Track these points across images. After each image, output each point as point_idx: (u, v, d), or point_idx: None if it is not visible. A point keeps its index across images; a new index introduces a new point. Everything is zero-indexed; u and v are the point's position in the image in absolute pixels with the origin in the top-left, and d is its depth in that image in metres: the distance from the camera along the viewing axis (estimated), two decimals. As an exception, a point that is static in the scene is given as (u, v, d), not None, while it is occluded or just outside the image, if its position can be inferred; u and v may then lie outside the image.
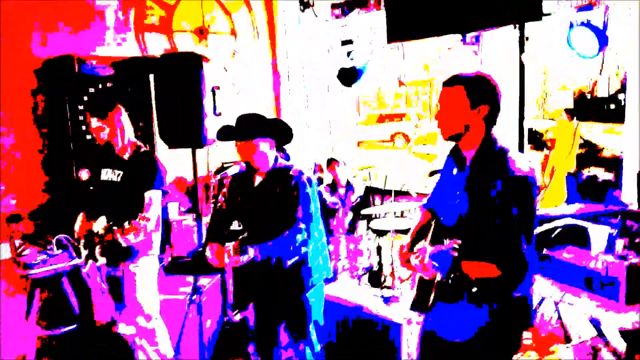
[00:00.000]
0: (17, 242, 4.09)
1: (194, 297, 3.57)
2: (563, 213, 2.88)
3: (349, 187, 4.78)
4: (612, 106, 12.08)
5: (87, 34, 4.46)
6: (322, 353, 2.91)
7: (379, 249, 3.66)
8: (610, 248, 2.58)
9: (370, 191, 4.96)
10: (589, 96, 10.92)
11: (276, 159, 2.87)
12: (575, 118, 3.82)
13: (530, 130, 3.73)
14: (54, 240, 3.95)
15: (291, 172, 2.80)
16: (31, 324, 3.93)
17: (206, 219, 4.61)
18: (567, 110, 3.82)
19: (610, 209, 2.84)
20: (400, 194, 5.05)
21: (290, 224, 2.67)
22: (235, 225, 3.17)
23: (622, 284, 2.46)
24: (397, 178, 5.70)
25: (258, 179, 2.88)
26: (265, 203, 2.80)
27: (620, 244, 2.50)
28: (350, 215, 4.71)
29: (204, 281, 3.81)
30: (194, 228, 4.61)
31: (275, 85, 5.80)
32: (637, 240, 2.50)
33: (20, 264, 3.92)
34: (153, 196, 3.28)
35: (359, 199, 4.76)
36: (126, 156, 3.34)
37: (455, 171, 2.17)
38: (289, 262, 2.74)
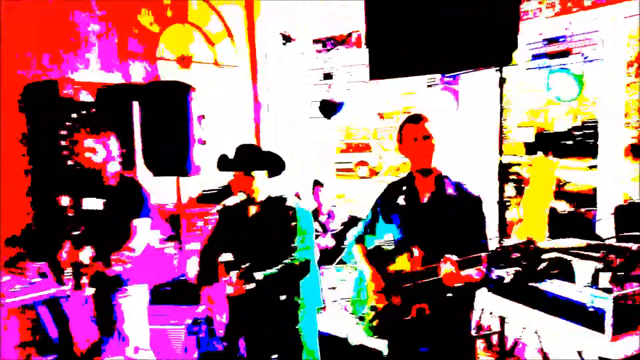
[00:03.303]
0: (-8, 270, 3.95)
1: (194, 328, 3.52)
2: (552, 247, 3.02)
3: (330, 215, 4.84)
4: (570, 142, 12.69)
5: (71, 59, 4.41)
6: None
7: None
8: (595, 281, 2.71)
9: (354, 219, 5.03)
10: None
11: (269, 190, 2.91)
12: (552, 155, 4.03)
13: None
14: (33, 268, 3.84)
15: (287, 203, 2.85)
16: (6, 352, 3.77)
17: (188, 246, 4.58)
18: (543, 150, 4.05)
19: (592, 244, 2.99)
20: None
21: (289, 254, 2.70)
22: (226, 257, 3.17)
23: (608, 316, 2.59)
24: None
25: (252, 210, 2.90)
26: (261, 233, 2.82)
27: (605, 277, 2.65)
28: (332, 242, 4.77)
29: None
30: (175, 256, 4.54)
31: (256, 115, 5.86)
32: (619, 274, 2.65)
33: (-5, 292, 3.78)
34: (139, 225, 3.25)
35: (342, 226, 4.82)
36: (112, 182, 3.30)
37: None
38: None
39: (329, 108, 5.54)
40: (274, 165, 2.86)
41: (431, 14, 4.14)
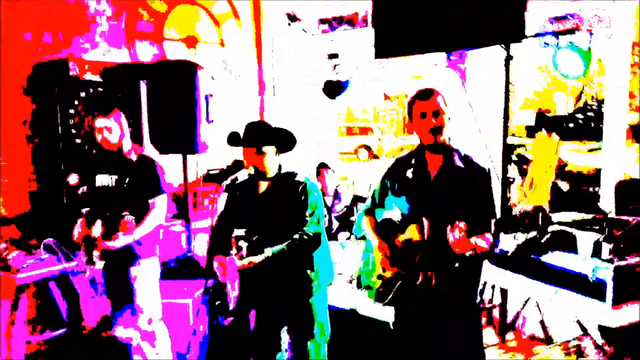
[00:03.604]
0: (2, 246, 4.01)
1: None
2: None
3: (336, 195, 4.88)
4: (571, 125, 12.73)
5: (79, 39, 4.44)
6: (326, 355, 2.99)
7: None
8: (596, 253, 2.77)
9: (357, 200, 5.09)
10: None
11: (280, 166, 2.95)
12: (554, 133, 4.08)
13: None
14: (41, 245, 3.91)
15: (297, 178, 2.90)
16: (18, 328, 3.85)
17: (195, 224, 4.65)
18: (546, 128, 4.10)
19: (595, 217, 3.06)
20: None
21: (300, 228, 2.76)
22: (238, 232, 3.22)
23: (609, 286, 2.65)
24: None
25: (263, 186, 2.94)
26: (272, 209, 2.86)
27: (606, 248, 2.71)
28: (335, 224, 4.82)
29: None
30: (182, 234, 4.61)
31: (261, 95, 5.90)
32: (621, 245, 2.71)
33: (5, 268, 3.85)
34: (157, 201, 3.32)
35: (344, 208, 4.87)
36: (132, 158, 3.36)
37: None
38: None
39: (333, 88, 5.55)
40: (284, 141, 2.90)
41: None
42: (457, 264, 2.37)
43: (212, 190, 5.05)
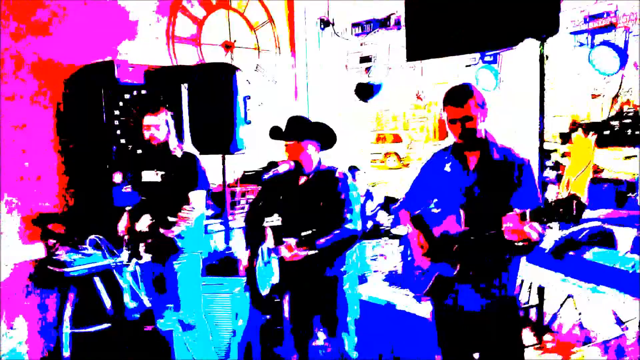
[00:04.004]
0: (50, 242, 4.20)
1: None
2: (590, 217, 3.09)
3: (368, 195, 4.95)
4: (607, 132, 12.44)
5: (122, 43, 4.62)
6: (357, 345, 3.05)
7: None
8: (636, 249, 2.77)
9: (389, 200, 5.14)
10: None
11: (319, 162, 3.03)
12: (590, 134, 4.07)
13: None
14: (87, 241, 4.07)
15: (336, 175, 2.97)
16: (64, 321, 4.02)
17: (233, 224, 4.76)
18: (583, 129, 4.09)
19: (633, 214, 3.05)
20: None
21: (338, 224, 2.82)
22: (272, 221, 3.29)
23: (650, 280, 2.65)
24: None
25: (302, 179, 3.02)
26: (310, 202, 2.94)
27: (646, 243, 2.71)
28: (369, 223, 4.88)
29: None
30: (221, 233, 4.73)
31: (295, 100, 6.01)
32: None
33: (54, 263, 4.02)
34: (197, 195, 3.45)
35: (378, 207, 4.93)
36: (177, 154, 3.50)
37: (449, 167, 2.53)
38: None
39: (365, 91, 5.63)
40: (325, 135, 2.98)
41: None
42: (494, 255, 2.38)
43: (249, 190, 5.16)
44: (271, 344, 4.10)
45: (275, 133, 2.97)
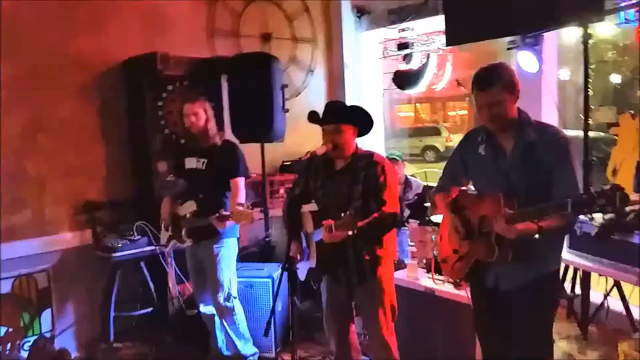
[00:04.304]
0: (99, 229, 4.36)
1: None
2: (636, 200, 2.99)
3: (407, 184, 4.92)
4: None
5: (164, 36, 4.74)
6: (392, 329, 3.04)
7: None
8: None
9: (428, 189, 5.09)
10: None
11: (357, 146, 3.03)
12: (637, 115, 3.93)
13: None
14: (134, 227, 4.21)
15: (375, 158, 2.97)
16: (111, 305, 4.18)
17: (274, 212, 4.83)
18: (630, 111, 3.95)
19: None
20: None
21: (378, 207, 2.80)
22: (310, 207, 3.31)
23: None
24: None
25: (340, 164, 3.02)
26: (348, 186, 2.93)
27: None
28: (407, 211, 4.84)
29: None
30: (261, 221, 4.79)
31: (330, 88, 6.01)
32: None
33: (102, 249, 4.18)
34: (240, 182, 3.52)
35: (416, 196, 4.89)
36: (218, 142, 3.58)
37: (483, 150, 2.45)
38: None
39: (403, 79, 5.57)
40: (362, 120, 2.98)
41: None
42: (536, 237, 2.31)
43: (288, 180, 5.21)
44: (309, 330, 4.16)
45: (313, 117, 2.99)
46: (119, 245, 4.11)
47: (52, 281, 4.23)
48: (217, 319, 3.75)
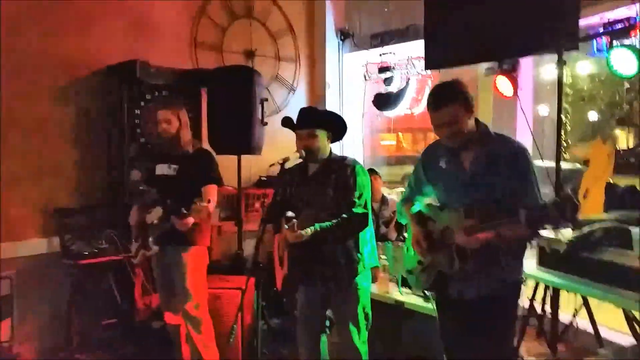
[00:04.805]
0: (67, 236, 4.27)
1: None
2: (603, 219, 3.03)
3: (384, 202, 4.92)
4: (632, 159, 12.16)
5: (146, 45, 4.75)
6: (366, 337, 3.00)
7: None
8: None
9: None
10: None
11: (330, 151, 3.04)
12: (608, 141, 4.01)
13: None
14: (103, 235, 4.13)
15: (346, 162, 2.98)
16: (74, 314, 4.06)
17: (246, 226, 4.78)
18: (601, 135, 4.02)
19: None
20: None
21: (348, 209, 2.81)
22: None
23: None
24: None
25: (312, 168, 3.02)
26: (320, 189, 2.93)
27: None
28: (383, 228, 4.84)
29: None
30: (234, 235, 4.74)
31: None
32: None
33: (69, 256, 4.09)
34: (211, 189, 3.48)
35: (392, 214, 4.89)
36: (190, 149, 3.55)
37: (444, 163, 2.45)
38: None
39: (382, 101, 5.64)
40: (335, 124, 3.00)
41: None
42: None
43: (263, 194, 5.19)
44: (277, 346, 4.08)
45: (287, 122, 3.00)
46: (86, 253, 4.03)
47: (14, 289, 4.09)
48: (183, 330, 3.65)
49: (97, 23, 4.50)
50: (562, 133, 3.94)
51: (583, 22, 3.76)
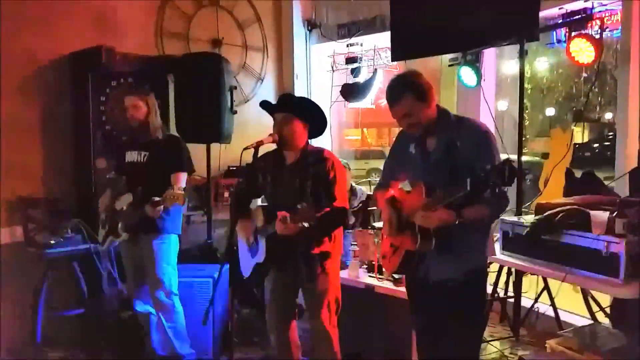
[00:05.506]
0: (30, 226, 4.17)
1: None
2: (566, 202, 3.16)
3: (352, 192, 4.98)
4: (588, 153, 12.53)
5: (111, 32, 4.66)
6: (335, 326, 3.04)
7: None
8: (610, 229, 2.84)
9: (371, 198, 5.18)
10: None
11: (307, 143, 3.04)
12: (567, 130, 4.18)
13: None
14: (69, 224, 4.05)
15: (325, 155, 2.96)
16: (40, 305, 3.97)
17: (216, 216, 4.76)
18: (561, 124, 4.19)
19: (610, 198, 3.13)
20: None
21: (328, 204, 2.80)
22: (257, 202, 3.29)
23: (622, 260, 2.72)
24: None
25: (290, 159, 2.99)
26: (298, 181, 2.91)
27: (619, 223, 2.77)
28: (352, 218, 4.90)
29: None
30: (202, 225, 4.72)
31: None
32: (634, 222, 2.77)
33: (33, 245, 4.00)
34: (182, 176, 3.46)
35: (360, 204, 4.96)
36: (160, 135, 3.51)
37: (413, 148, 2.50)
38: None
39: (349, 92, 5.69)
40: (315, 116, 2.97)
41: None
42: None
43: (233, 184, 5.17)
44: (250, 329, 4.10)
45: (265, 105, 2.99)
46: (52, 242, 3.95)
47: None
48: (153, 318, 3.63)
49: (62, 14, 4.41)
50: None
51: (543, 14, 3.92)
